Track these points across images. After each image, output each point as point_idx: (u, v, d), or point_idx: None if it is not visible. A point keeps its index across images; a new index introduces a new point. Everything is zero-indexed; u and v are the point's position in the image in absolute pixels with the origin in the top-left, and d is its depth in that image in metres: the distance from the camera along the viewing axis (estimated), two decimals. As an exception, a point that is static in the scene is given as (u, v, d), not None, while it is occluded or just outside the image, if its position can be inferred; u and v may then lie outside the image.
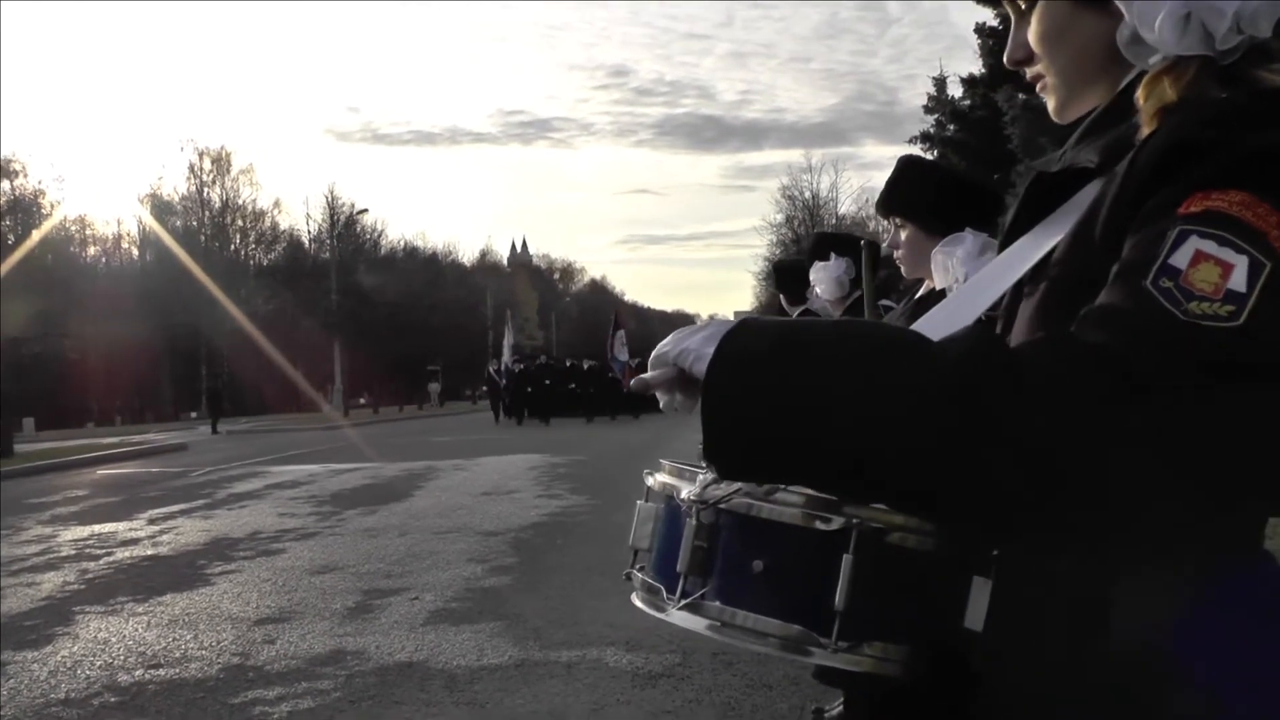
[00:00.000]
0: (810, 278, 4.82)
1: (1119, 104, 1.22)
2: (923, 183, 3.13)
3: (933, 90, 30.65)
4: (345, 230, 60.52)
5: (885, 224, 3.29)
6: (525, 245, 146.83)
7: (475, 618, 7.21)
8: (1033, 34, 1.30)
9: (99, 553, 10.66)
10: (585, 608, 7.40)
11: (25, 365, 42.56)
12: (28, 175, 52.94)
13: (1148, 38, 1.13)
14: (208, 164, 67.58)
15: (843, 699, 4.79)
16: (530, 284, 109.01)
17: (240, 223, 69.04)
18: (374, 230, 68.59)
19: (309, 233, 66.80)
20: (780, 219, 67.52)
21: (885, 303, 4.62)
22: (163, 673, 6.18)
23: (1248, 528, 1.16)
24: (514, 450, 22.39)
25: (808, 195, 67.38)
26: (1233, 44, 1.10)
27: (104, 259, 70.56)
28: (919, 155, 3.58)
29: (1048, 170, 1.28)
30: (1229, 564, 1.13)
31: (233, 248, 68.67)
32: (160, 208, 66.50)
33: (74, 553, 10.71)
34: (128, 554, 10.52)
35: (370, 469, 19.06)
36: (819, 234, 5.97)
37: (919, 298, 3.28)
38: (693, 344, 1.15)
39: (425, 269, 71.38)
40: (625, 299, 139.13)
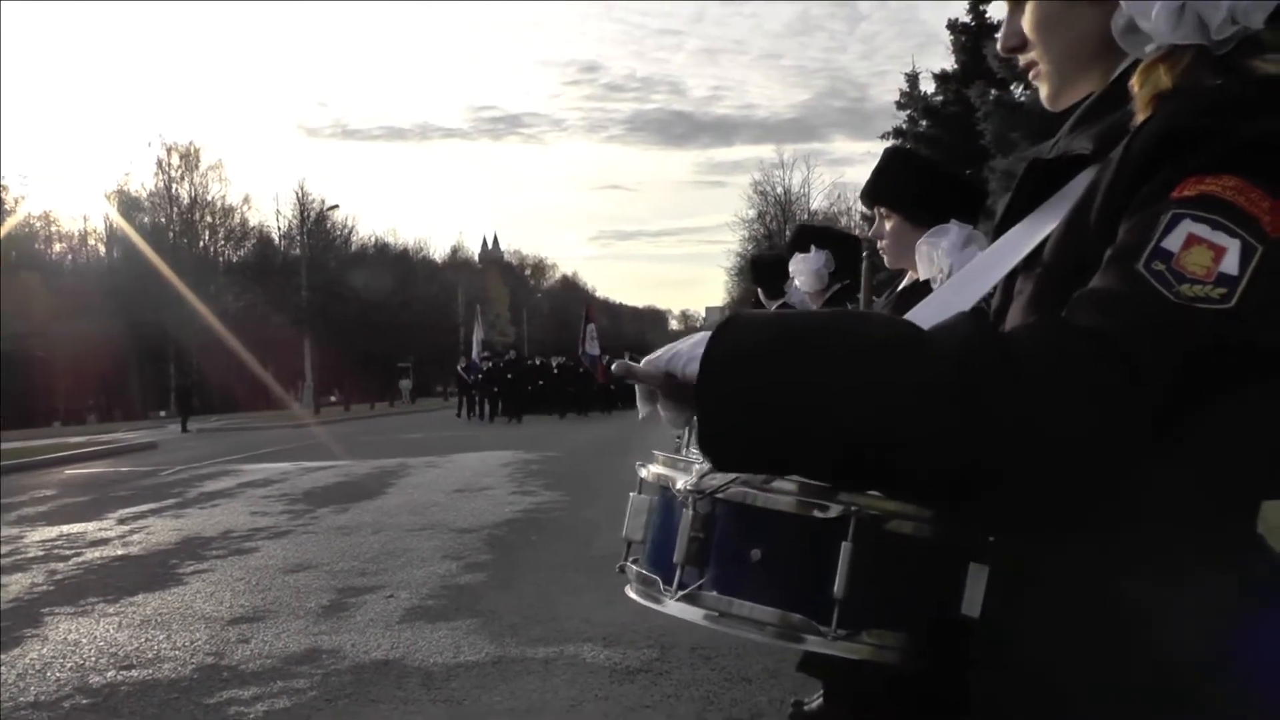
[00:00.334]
0: (790, 269, 4.81)
1: (1113, 92, 1.22)
2: (908, 174, 3.12)
3: (905, 86, 30.70)
4: (316, 226, 60.14)
5: (857, 222, 3.29)
6: (496, 241, 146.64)
7: (451, 615, 7.18)
8: (1027, 22, 1.30)
9: (68, 553, 10.55)
10: (561, 604, 7.38)
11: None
12: (-9, 172, 52.39)
13: (1143, 26, 1.13)
14: (176, 159, 67.03)
15: (822, 691, 4.79)
16: (501, 280, 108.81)
17: (209, 219, 68.48)
18: (344, 226, 68.27)
19: (279, 229, 66.33)
20: (752, 215, 67.58)
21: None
22: (135, 674, 6.12)
23: (1244, 512, 1.17)
24: (486, 447, 22.35)
25: (780, 191, 67.43)
26: (1227, 34, 1.10)
27: (70, 256, 70.03)
28: (904, 147, 3.57)
29: (1042, 157, 1.28)
30: (1227, 546, 1.14)
31: (202, 244, 68.06)
32: (128, 204, 65.90)
33: (42, 554, 10.59)
34: (97, 554, 10.41)
35: (342, 466, 18.97)
36: (800, 226, 5.97)
37: (902, 289, 3.28)
38: (683, 348, 1.16)
39: (396, 265, 71.10)
40: (597, 295, 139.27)
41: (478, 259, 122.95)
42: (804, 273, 4.65)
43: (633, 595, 1.29)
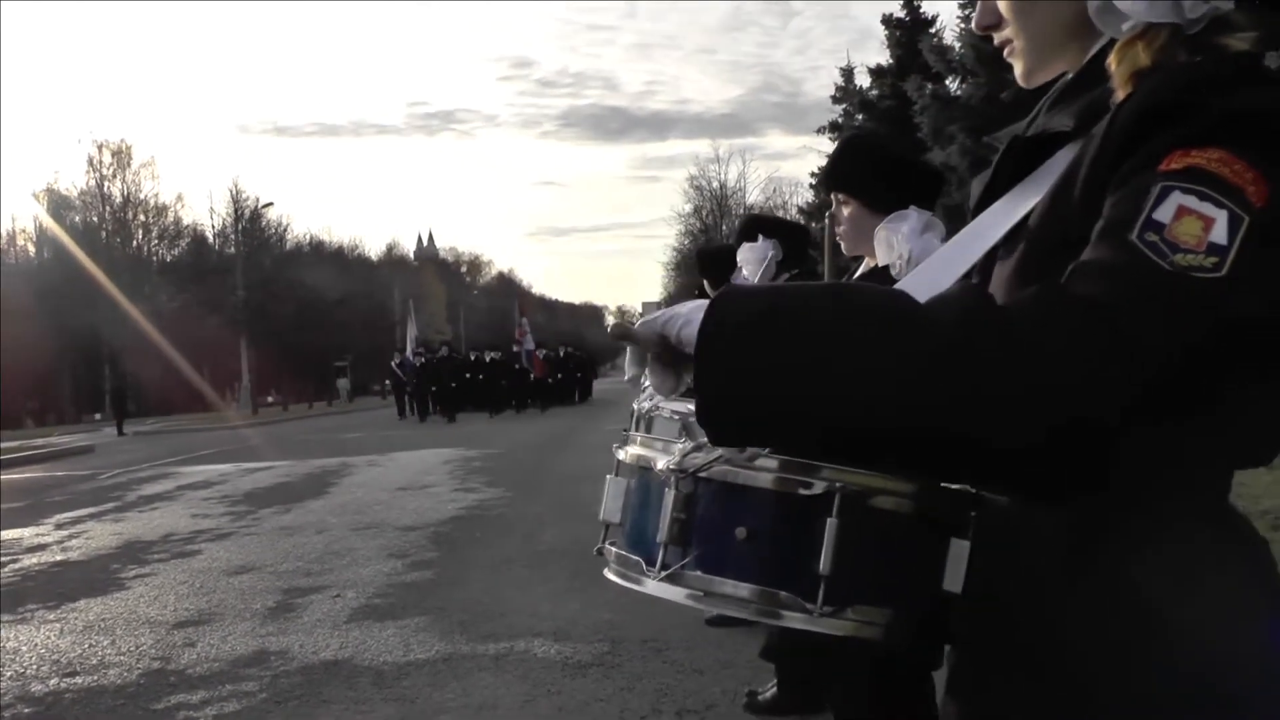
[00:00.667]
0: (738, 259, 4.84)
1: (1089, 70, 1.26)
2: (866, 160, 3.13)
3: (840, 81, 30.85)
4: (250, 225, 59.46)
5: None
6: (432, 238, 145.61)
7: (399, 613, 7.15)
8: (1003, 2, 1.32)
9: (4, 560, 10.38)
10: (509, 600, 7.38)
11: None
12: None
13: (1120, 6, 1.17)
14: (108, 157, 65.74)
15: (775, 681, 4.85)
16: (437, 277, 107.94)
17: (143, 218, 67.22)
18: (279, 225, 67.51)
19: (213, 228, 65.47)
20: (689, 210, 67.71)
21: None
22: (80, 680, 6.05)
23: (1222, 480, 1.22)
24: (427, 445, 22.23)
25: (715, 186, 67.62)
26: (1200, 13, 1.15)
27: (-2, 257, 68.58)
28: (861, 134, 3.59)
29: (1021, 136, 1.31)
30: (1207, 517, 1.18)
31: (135, 244, 66.79)
32: (58, 203, 64.65)
33: (-21, 560, 10.42)
34: (35, 560, 10.26)
35: (283, 467, 18.79)
36: (748, 216, 6.01)
37: (859, 275, 3.29)
38: (681, 311, 1.16)
39: (332, 264, 70.42)
40: (534, 291, 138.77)
41: (413, 256, 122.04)
42: (752, 262, 4.68)
43: (612, 577, 1.29)
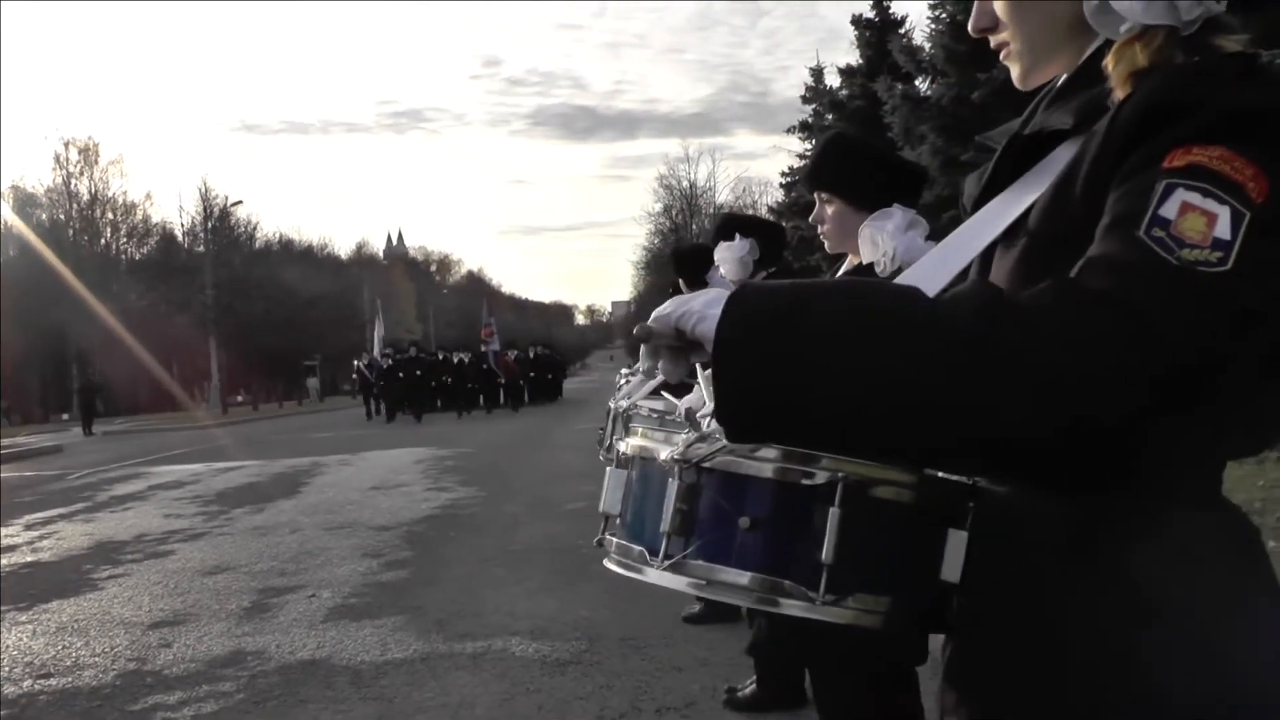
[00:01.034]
0: (715, 257, 4.86)
1: (1086, 70, 1.29)
2: (850, 158, 3.14)
3: (810, 80, 30.95)
4: (219, 223, 59.02)
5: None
6: (401, 237, 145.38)
7: (375, 613, 7.14)
8: (1000, 5, 1.35)
9: (-25, 560, 10.30)
10: (486, 598, 7.39)
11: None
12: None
13: (1117, 7, 1.20)
14: (75, 155, 65.12)
15: (755, 678, 4.88)
16: (407, 276, 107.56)
17: (110, 216, 66.67)
18: (249, 223, 67.09)
19: (182, 226, 64.85)
20: (659, 209, 67.73)
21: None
22: (54, 682, 6.01)
23: (1217, 469, 1.25)
24: (398, 444, 22.17)
25: (685, 185, 67.63)
26: (1194, 15, 1.19)
27: (-38, 255, 67.82)
28: (845, 132, 3.62)
29: (1020, 134, 1.35)
30: (1203, 506, 1.22)
31: (103, 242, 66.22)
32: (23, 200, 64.01)
33: (-52, 561, 10.33)
34: (5, 561, 10.18)
35: (254, 466, 18.70)
36: (725, 215, 6.04)
37: (844, 273, 3.31)
38: (695, 306, 1.18)
39: (301, 263, 70.02)
40: (504, 290, 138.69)
41: (383, 255, 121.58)
42: (729, 260, 4.70)
43: (613, 567, 1.30)
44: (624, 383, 6.39)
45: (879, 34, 25.60)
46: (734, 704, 4.89)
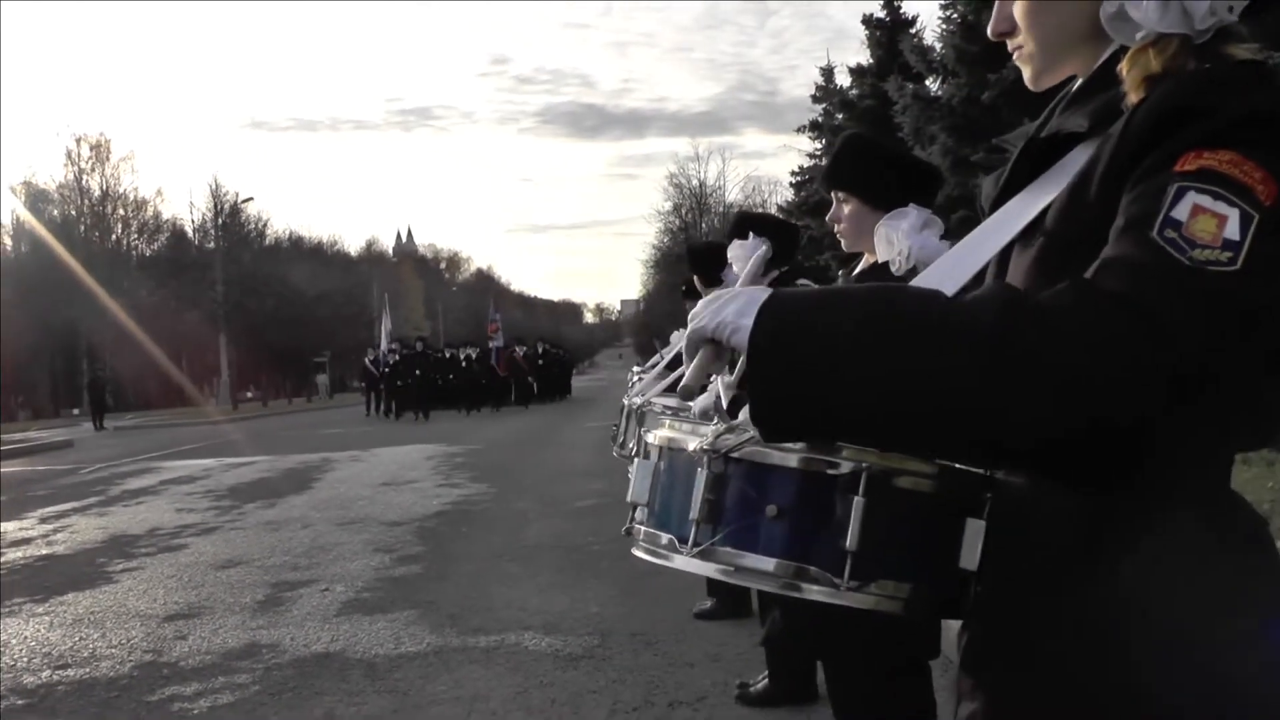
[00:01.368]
0: (728, 255, 4.90)
1: (1100, 75, 1.34)
2: (866, 159, 3.19)
3: (820, 80, 30.94)
4: (230, 220, 59.08)
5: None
6: (410, 235, 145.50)
7: (388, 607, 7.20)
8: (1019, 8, 1.40)
9: (-10, 553, 10.38)
10: (497, 594, 7.45)
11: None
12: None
13: (1134, 15, 1.25)
14: (86, 151, 65.21)
15: (767, 673, 4.93)
16: (416, 274, 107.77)
17: (121, 212, 66.80)
18: (259, 220, 67.17)
19: (192, 222, 64.94)
20: (668, 208, 67.75)
21: (803, 282, 4.73)
22: (72, 673, 6.07)
23: (1226, 462, 1.30)
24: (409, 441, 22.25)
25: (695, 184, 67.63)
26: (1208, 24, 1.23)
27: (-26, 250, 67.96)
28: (861, 132, 3.67)
29: (1036, 136, 1.39)
30: (1212, 499, 1.27)
31: (114, 238, 66.36)
32: (35, 196, 64.17)
33: (-37, 554, 10.40)
34: (20, 554, 10.25)
35: (265, 462, 18.78)
36: (740, 213, 6.09)
37: (860, 271, 3.36)
38: (728, 316, 1.23)
39: (311, 260, 70.11)
40: (512, 288, 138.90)
41: (392, 253, 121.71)
42: (742, 259, 4.72)
43: (641, 555, 1.36)
44: (636, 381, 6.45)
45: (890, 34, 25.59)
46: (746, 699, 4.94)
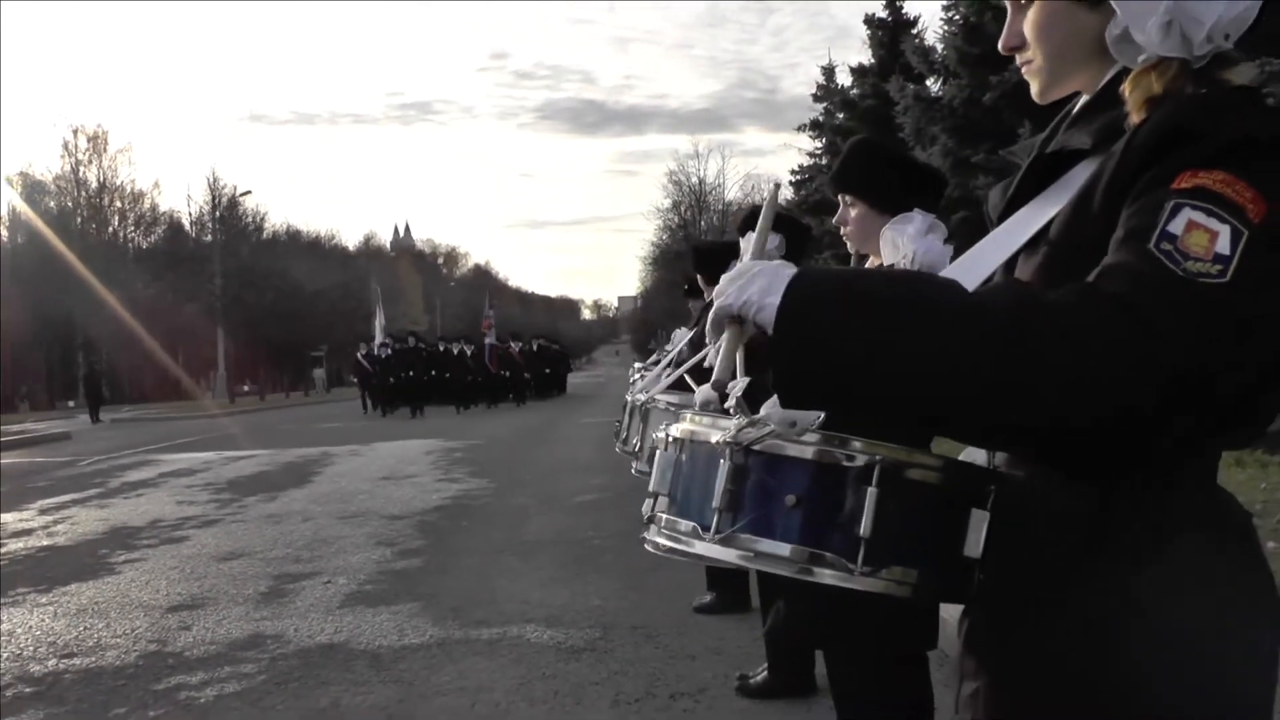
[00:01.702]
0: (741, 248, 4.97)
1: (1104, 95, 1.43)
2: (874, 163, 3.26)
3: (821, 79, 31.00)
4: (228, 213, 59.11)
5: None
6: (409, 229, 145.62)
7: (391, 599, 7.28)
8: (1029, 24, 1.48)
9: (-8, 543, 10.44)
10: (499, 587, 7.52)
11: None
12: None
13: (1138, 38, 1.34)
14: (83, 142, 65.20)
15: (767, 665, 5.00)
16: (414, 269, 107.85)
17: (118, 204, 66.78)
18: (256, 214, 67.20)
19: (190, 215, 64.96)
20: (668, 205, 67.83)
21: None
22: (78, 661, 6.14)
23: (1215, 461, 1.39)
24: (407, 436, 22.32)
25: (695, 181, 67.69)
26: (1205, 50, 1.33)
27: (-30, 241, 67.86)
28: (869, 137, 3.73)
29: (1043, 151, 1.48)
30: (1203, 494, 1.35)
31: (111, 230, 66.39)
32: (32, 187, 64.12)
33: (-35, 544, 10.46)
34: (22, 545, 10.31)
35: (264, 455, 18.85)
36: (754, 208, 6.16)
37: None
38: (753, 295, 1.31)
39: (309, 253, 70.13)
40: (510, 284, 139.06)
41: (390, 247, 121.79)
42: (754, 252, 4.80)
43: (662, 541, 1.42)
44: (638, 378, 6.52)
45: (892, 34, 25.68)
46: (746, 691, 5.01)
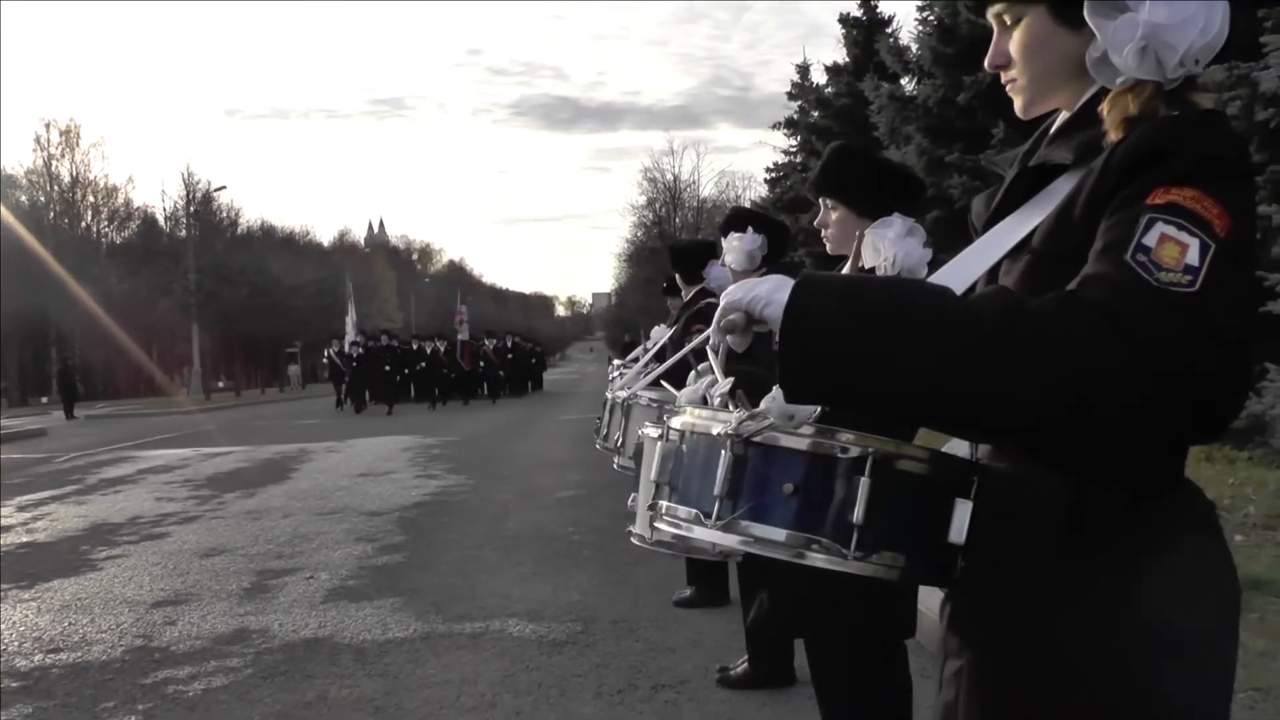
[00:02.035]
0: (724, 246, 5.06)
1: (1082, 114, 1.55)
2: (855, 168, 3.35)
3: (796, 77, 31.17)
4: (202, 208, 58.86)
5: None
6: (383, 225, 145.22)
7: (373, 594, 7.35)
8: (1014, 44, 1.60)
9: (-29, 540, 10.43)
10: (480, 582, 7.60)
11: None
12: None
13: (1115, 61, 1.46)
14: (55, 136, 64.70)
15: (747, 657, 5.11)
16: (388, 265, 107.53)
17: (91, 199, 66.32)
18: (231, 209, 66.94)
19: (164, 210, 64.64)
20: (643, 202, 67.74)
21: None
22: (64, 656, 6.19)
23: (1183, 454, 1.51)
24: (384, 432, 22.34)
25: (670, 178, 67.65)
26: (1177, 74, 1.45)
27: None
28: (849, 143, 3.83)
29: (1023, 165, 1.61)
30: (1172, 486, 1.47)
31: (84, 225, 65.94)
32: (3, 182, 63.40)
33: (-55, 540, 10.45)
34: (2, 541, 10.31)
35: (242, 452, 18.84)
36: (735, 209, 6.25)
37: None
38: (761, 292, 1.44)
39: (283, 249, 69.91)
40: (484, 280, 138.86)
41: (364, 243, 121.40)
42: (737, 252, 4.86)
43: (664, 528, 1.53)
44: (617, 375, 6.61)
45: (866, 33, 25.87)
46: (726, 682, 5.12)
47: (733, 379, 1.63)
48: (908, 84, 19.24)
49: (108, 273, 59.20)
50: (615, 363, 8.96)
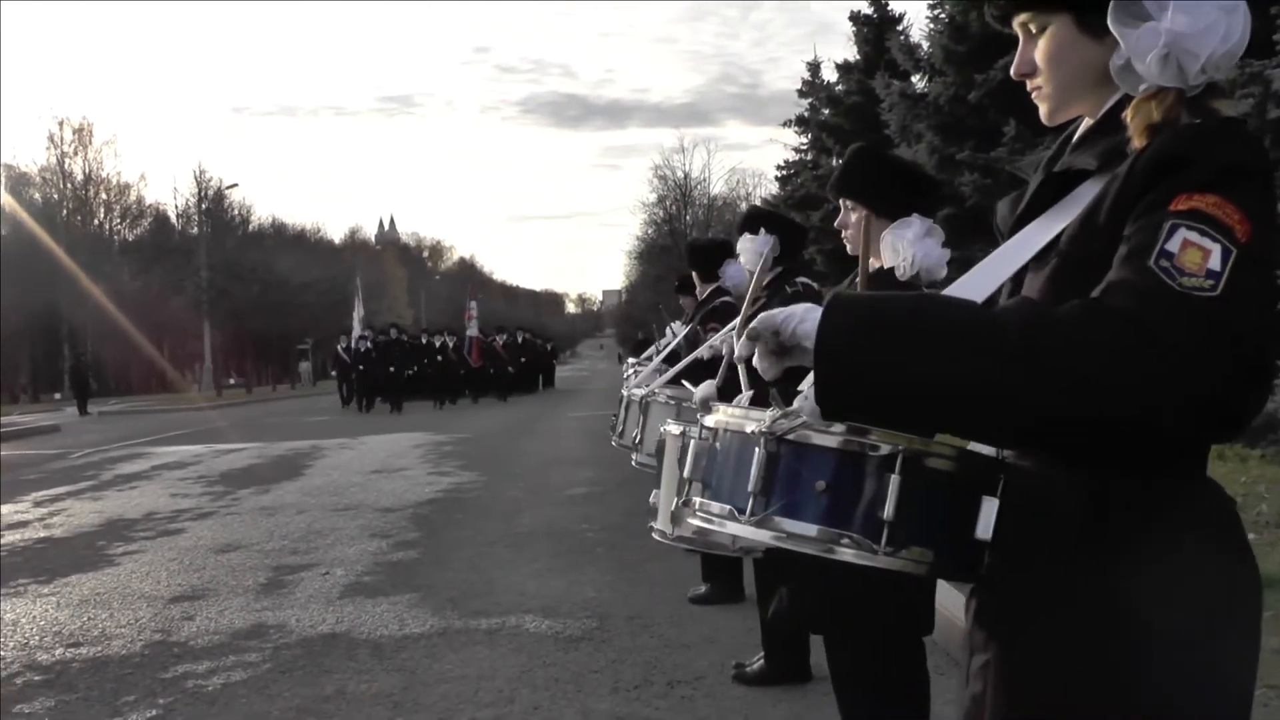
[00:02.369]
0: (737, 248, 5.08)
1: (1106, 120, 1.59)
2: (874, 169, 3.39)
3: (806, 75, 31.12)
4: (214, 206, 58.90)
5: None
6: (393, 223, 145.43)
7: (389, 590, 7.39)
8: (1040, 53, 1.63)
9: (-11, 535, 10.50)
10: (495, 578, 7.65)
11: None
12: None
13: (1139, 69, 1.49)
14: (69, 134, 64.76)
15: (763, 654, 5.14)
16: (399, 262, 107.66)
17: (104, 196, 66.37)
18: (243, 207, 67.03)
19: (176, 208, 64.72)
20: (653, 199, 67.74)
21: (801, 280, 4.94)
22: (85, 651, 6.25)
23: (1204, 453, 1.54)
24: (395, 429, 22.42)
25: (680, 175, 67.61)
26: (1199, 81, 1.48)
27: (-47, 234, 67.45)
28: (870, 145, 3.87)
29: (1048, 171, 1.64)
30: (1194, 484, 1.51)
31: (96, 222, 66.03)
32: (17, 180, 63.71)
33: (-39, 536, 10.53)
34: (19, 537, 10.39)
35: (255, 448, 18.92)
36: (751, 209, 6.30)
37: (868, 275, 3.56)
38: (796, 312, 1.48)
39: (294, 247, 69.99)
40: (495, 278, 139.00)
41: (375, 241, 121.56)
42: (750, 252, 4.90)
43: (696, 523, 1.57)
44: (631, 373, 6.65)
45: (877, 30, 25.85)
46: (742, 678, 5.15)
47: (751, 391, 1.68)
48: (919, 82, 19.24)
49: (120, 270, 59.34)
50: (630, 361, 8.99)
